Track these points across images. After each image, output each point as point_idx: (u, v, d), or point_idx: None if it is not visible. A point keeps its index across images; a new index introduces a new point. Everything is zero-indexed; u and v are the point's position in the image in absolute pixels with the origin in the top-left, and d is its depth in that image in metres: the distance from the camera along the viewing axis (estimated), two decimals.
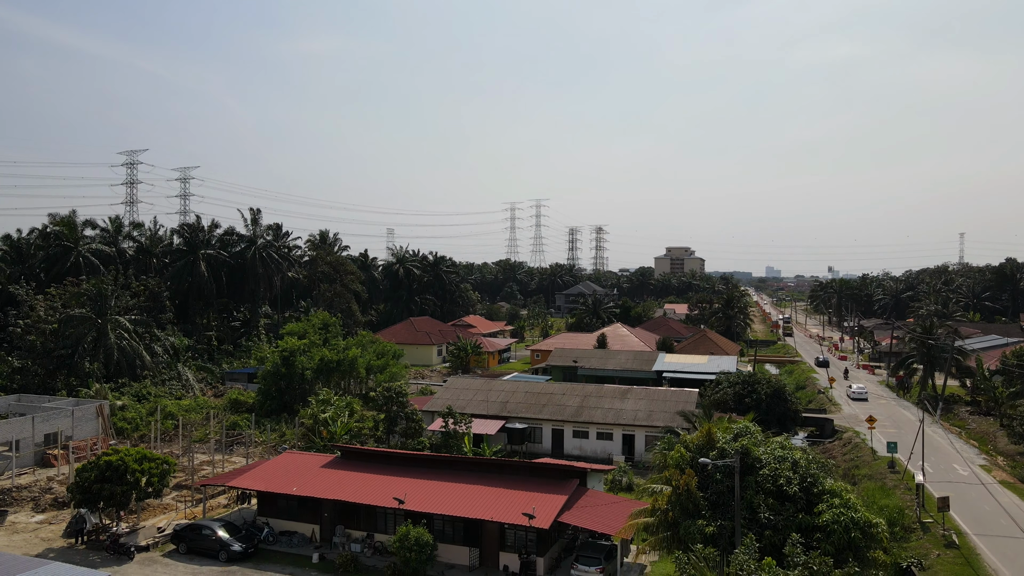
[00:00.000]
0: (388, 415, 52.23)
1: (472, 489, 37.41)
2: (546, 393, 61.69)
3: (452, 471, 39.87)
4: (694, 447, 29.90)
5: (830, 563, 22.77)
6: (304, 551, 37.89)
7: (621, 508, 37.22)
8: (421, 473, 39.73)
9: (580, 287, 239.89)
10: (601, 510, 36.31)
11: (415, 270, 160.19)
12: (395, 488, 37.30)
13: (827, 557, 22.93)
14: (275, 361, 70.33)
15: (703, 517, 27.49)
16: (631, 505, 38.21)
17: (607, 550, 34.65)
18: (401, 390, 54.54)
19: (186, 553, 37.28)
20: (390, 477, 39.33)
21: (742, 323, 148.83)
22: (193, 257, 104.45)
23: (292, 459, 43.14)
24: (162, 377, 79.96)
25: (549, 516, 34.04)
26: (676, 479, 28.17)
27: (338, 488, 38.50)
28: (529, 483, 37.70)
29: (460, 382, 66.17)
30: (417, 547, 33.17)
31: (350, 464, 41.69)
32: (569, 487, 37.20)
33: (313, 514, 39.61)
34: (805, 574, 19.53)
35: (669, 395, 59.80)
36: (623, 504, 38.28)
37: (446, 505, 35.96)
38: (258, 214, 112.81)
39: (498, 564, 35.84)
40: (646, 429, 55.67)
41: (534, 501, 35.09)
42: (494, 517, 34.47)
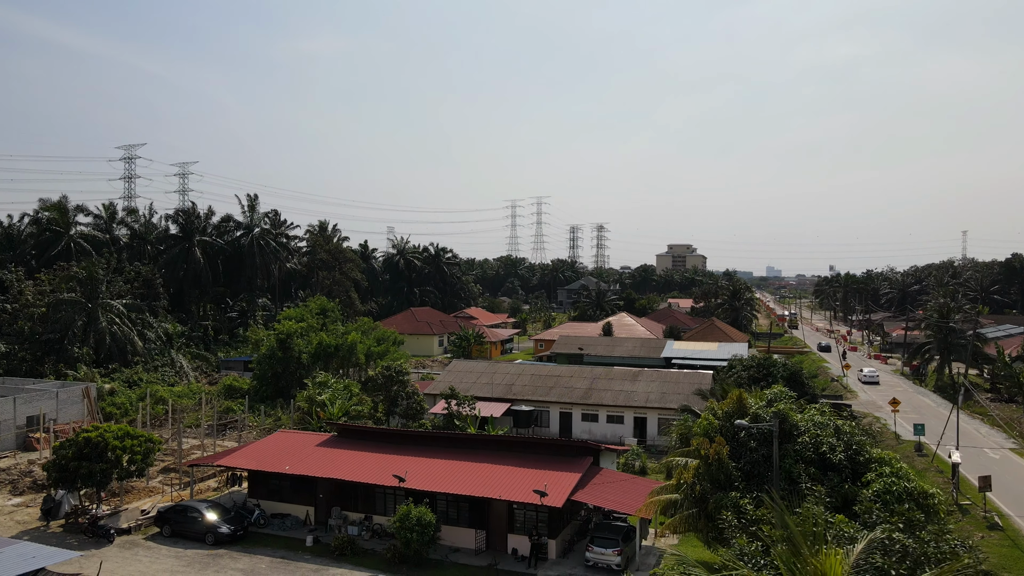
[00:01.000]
0: (388, 395, 49.58)
1: (478, 467, 34.79)
2: (553, 376, 59.06)
3: (456, 449, 37.26)
4: (723, 414, 27.24)
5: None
6: (297, 534, 35.28)
7: (638, 486, 34.60)
8: (423, 451, 37.11)
9: (582, 282, 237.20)
10: (617, 488, 33.67)
11: (416, 261, 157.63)
12: (395, 467, 34.68)
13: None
14: (271, 345, 67.66)
15: (736, 489, 24.85)
16: (649, 484, 35.58)
17: (624, 531, 32.02)
18: (402, 369, 51.92)
19: (170, 536, 34.66)
20: (390, 456, 36.70)
21: (749, 315, 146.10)
22: (188, 244, 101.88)
23: (285, 438, 40.52)
24: (154, 363, 77.33)
25: (562, 494, 31.42)
26: (705, 448, 25.51)
27: (334, 467, 35.88)
28: (539, 461, 35.08)
29: (463, 365, 63.56)
30: (419, 528, 30.55)
31: (347, 443, 39.07)
32: (582, 465, 34.58)
33: (307, 495, 36.99)
34: (889, 531, 16.86)
35: (682, 377, 57.16)
36: (640, 483, 35.66)
37: (450, 484, 33.33)
38: (255, 200, 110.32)
39: (507, 547, 33.22)
40: (658, 411, 53.04)
41: (545, 479, 32.47)
42: (502, 496, 31.85)
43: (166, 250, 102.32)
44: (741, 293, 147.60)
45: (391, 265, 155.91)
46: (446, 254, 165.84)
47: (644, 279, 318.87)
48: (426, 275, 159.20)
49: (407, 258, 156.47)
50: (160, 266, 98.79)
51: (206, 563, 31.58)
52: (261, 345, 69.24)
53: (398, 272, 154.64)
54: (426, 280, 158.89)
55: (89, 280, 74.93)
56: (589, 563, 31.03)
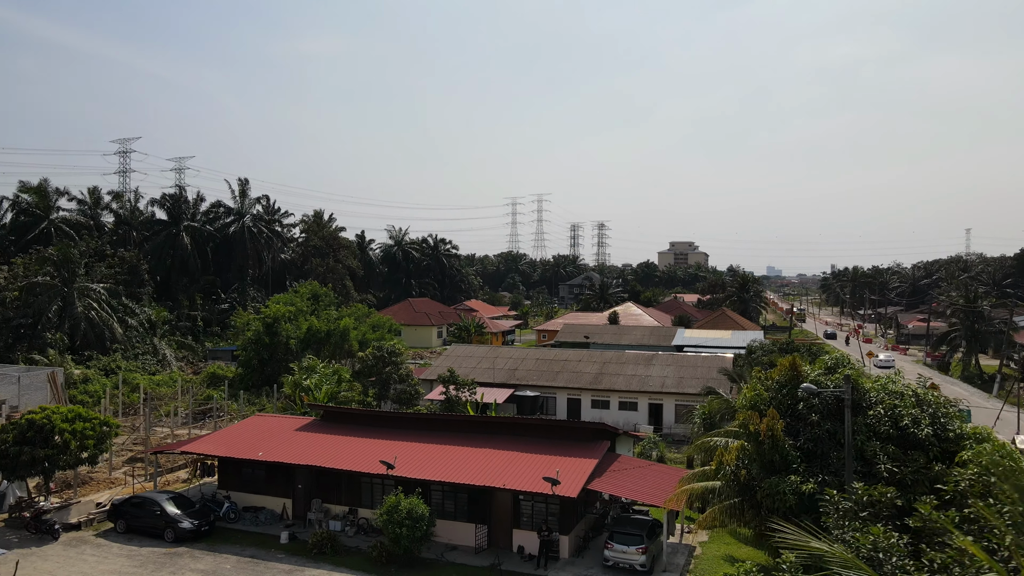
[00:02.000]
0: (379, 378, 45.06)
1: (479, 453, 30.32)
2: (560, 360, 54.60)
3: (454, 433, 32.80)
4: (774, 385, 22.72)
5: None
6: (272, 529, 30.81)
7: (664, 474, 30.14)
8: (417, 436, 32.65)
9: (585, 276, 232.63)
10: (640, 476, 29.20)
11: (414, 253, 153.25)
12: (385, 453, 30.20)
13: None
14: (257, 329, 63.14)
15: (795, 472, 20.36)
16: (675, 472, 31.13)
17: (649, 526, 27.54)
18: (395, 349, 47.43)
19: (125, 532, 30.20)
20: (379, 441, 32.25)
21: (757, 307, 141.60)
22: (176, 229, 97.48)
23: (262, 422, 36.06)
24: (135, 351, 72.85)
25: (577, 483, 26.95)
26: (754, 423, 21.01)
27: (314, 453, 31.40)
28: (549, 446, 30.63)
29: (461, 349, 59.11)
30: (409, 522, 26.09)
31: (332, 427, 34.60)
32: (598, 450, 30.11)
33: (284, 486, 32.53)
34: None
35: (700, 360, 52.68)
36: (665, 470, 31.20)
37: (447, 471, 28.85)
38: (246, 185, 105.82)
39: (511, 544, 28.75)
40: (676, 397, 48.56)
41: (556, 466, 28.02)
42: (506, 484, 27.38)
43: (152, 236, 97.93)
44: (749, 285, 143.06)
45: (389, 256, 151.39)
46: (445, 245, 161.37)
47: (647, 275, 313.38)
48: (425, 267, 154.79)
49: (405, 249, 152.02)
50: (145, 252, 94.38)
51: (161, 563, 27.11)
52: (247, 330, 64.69)
53: (396, 264, 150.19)
54: (425, 272, 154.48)
55: (65, 263, 70.53)
56: (608, 563, 26.56)
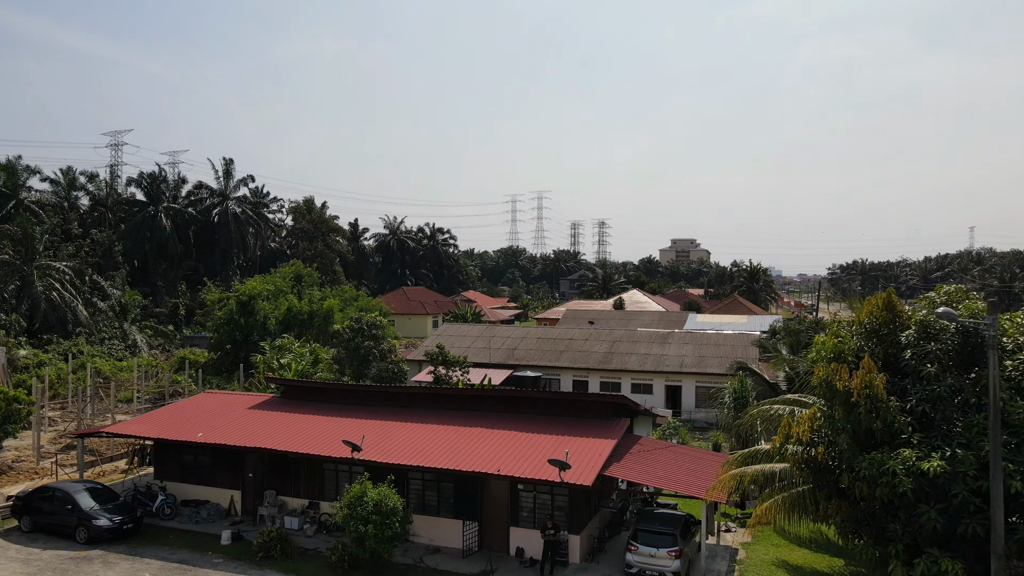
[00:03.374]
0: (356, 354, 39.32)
1: (470, 434, 24.58)
2: (564, 339, 48.86)
3: (441, 410, 27.05)
4: (864, 329, 16.86)
5: None
6: (214, 527, 25.06)
7: (698, 459, 24.39)
8: (396, 414, 26.92)
9: (587, 269, 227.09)
10: (669, 461, 23.44)
11: (410, 243, 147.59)
12: (355, 434, 24.46)
13: None
14: (231, 308, 57.38)
15: (905, 444, 14.58)
16: (711, 456, 25.38)
17: (683, 523, 21.78)
18: (375, 322, 41.68)
19: (31, 531, 24.46)
20: (350, 420, 26.51)
21: (768, 298, 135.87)
22: (154, 210, 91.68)
23: (211, 400, 30.29)
24: (101, 336, 67.09)
25: (591, 467, 21.21)
26: (840, 378, 15.22)
27: (267, 435, 25.64)
28: (556, 424, 24.90)
29: (454, 328, 53.41)
30: (378, 516, 20.35)
31: (293, 404, 28.84)
32: (616, 428, 24.36)
33: (232, 475, 26.77)
34: None
35: (722, 339, 46.97)
36: (699, 454, 25.44)
37: (429, 455, 23.10)
38: (231, 165, 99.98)
39: (508, 545, 23.01)
40: (696, 378, 42.83)
41: (565, 448, 22.31)
42: (502, 471, 21.62)
43: (128, 217, 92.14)
44: (759, 275, 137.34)
45: (383, 246, 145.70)
46: (443, 235, 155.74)
47: (649, 271, 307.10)
48: (421, 257, 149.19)
49: (401, 239, 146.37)
50: (121, 234, 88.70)
51: (63, 570, 21.37)
52: (218, 308, 58.87)
53: (391, 254, 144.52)
54: (421, 263, 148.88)
55: (24, 240, 64.92)
56: (632, 569, 20.79)
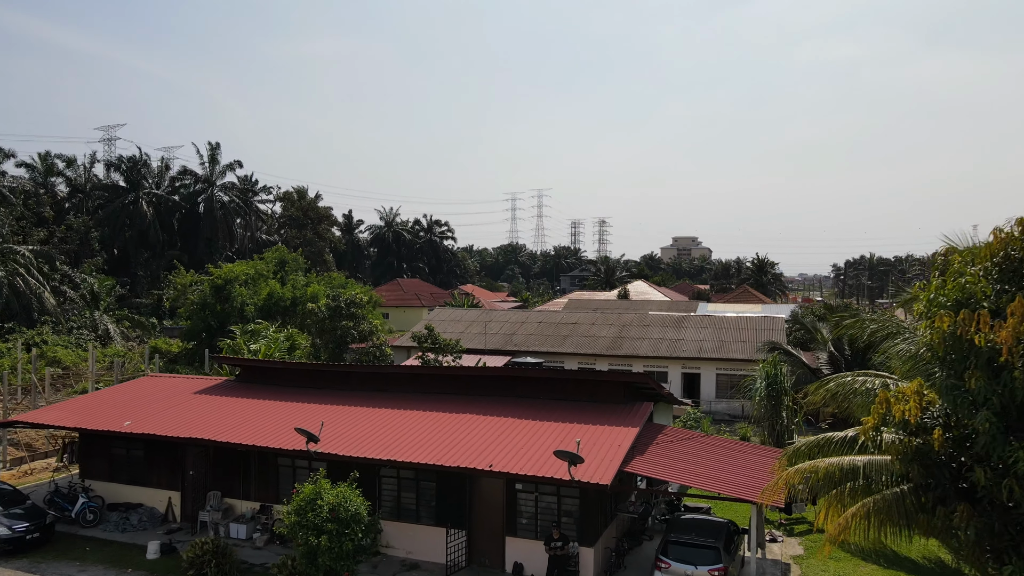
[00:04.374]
0: (333, 335, 34.73)
1: (458, 421, 20.00)
2: (568, 323, 44.27)
3: (425, 394, 22.47)
4: (999, 268, 12.19)
5: None
6: (144, 536, 20.45)
7: (737, 452, 19.78)
8: (372, 398, 22.33)
9: (588, 263, 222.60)
10: (704, 454, 18.84)
11: (406, 235, 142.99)
12: (320, 421, 19.87)
13: None
14: (205, 293, 52.82)
15: None
16: (753, 449, 20.77)
17: (725, 532, 17.18)
18: (356, 300, 37.09)
19: None
20: (315, 406, 21.93)
21: (776, 291, 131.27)
22: (134, 196, 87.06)
23: (152, 384, 25.69)
24: (69, 325, 62.48)
25: (609, 462, 16.62)
26: (978, 329, 10.58)
27: (213, 423, 21.04)
28: (563, 409, 20.31)
29: (447, 313, 48.86)
30: (335, 525, 15.75)
31: (250, 389, 24.24)
32: (638, 414, 19.77)
33: (171, 473, 22.16)
34: None
35: (744, 323, 42.38)
36: (737, 447, 20.82)
37: (406, 447, 18.49)
38: (217, 150, 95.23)
39: (503, 560, 18.41)
40: (717, 364, 38.25)
41: (577, 437, 17.73)
42: (495, 466, 17.02)
43: (106, 203, 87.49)
44: (767, 268, 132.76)
45: (379, 238, 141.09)
46: (440, 227, 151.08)
47: (651, 267, 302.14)
48: (417, 250, 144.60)
49: (396, 231, 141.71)
50: (98, 221, 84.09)
51: None
52: (191, 293, 54.27)
53: (386, 246, 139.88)
54: (417, 256, 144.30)
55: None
56: None
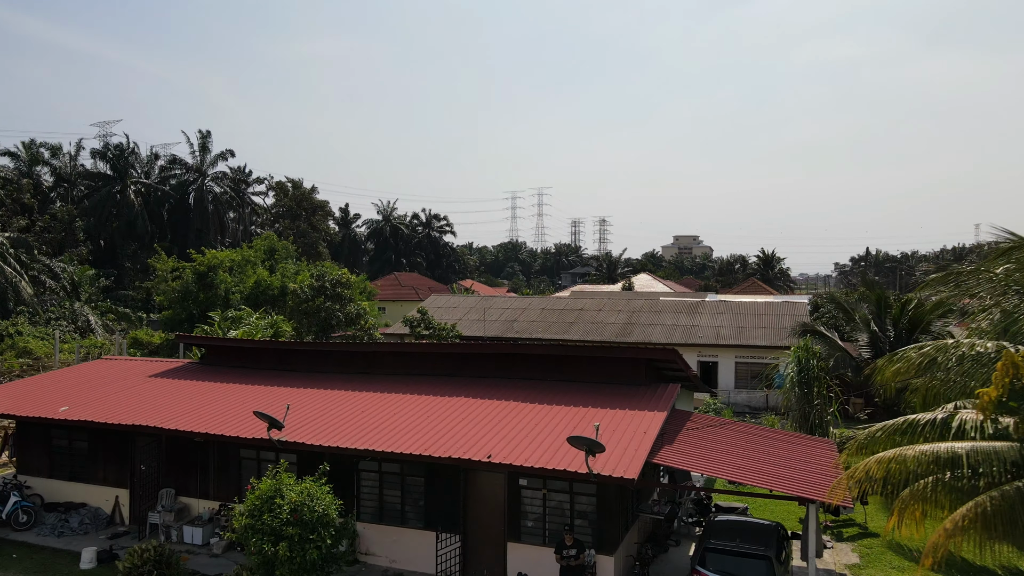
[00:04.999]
0: (316, 316, 31.74)
1: (451, 405, 16.99)
2: (573, 309, 41.27)
3: (413, 375, 19.46)
4: None
5: None
6: (81, 542, 17.42)
7: (782, 442, 16.76)
8: (352, 381, 19.32)
9: (591, 257, 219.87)
10: (741, 444, 15.82)
11: (403, 229, 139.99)
12: (293, 406, 16.87)
13: None
14: (188, 280, 49.81)
15: None
16: (797, 439, 17.76)
17: (776, 537, 14.14)
18: (341, 279, 34.09)
19: None
20: (288, 389, 18.93)
21: (785, 286, 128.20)
22: (121, 185, 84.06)
23: (106, 368, 22.64)
24: (47, 316, 59.47)
25: (634, 452, 13.60)
26: None
27: (167, 410, 18.01)
28: (574, 392, 17.31)
29: (444, 299, 45.88)
30: (296, 529, 12.73)
31: (215, 371, 21.20)
32: (663, 397, 16.74)
33: (119, 468, 19.11)
34: None
35: (763, 308, 39.43)
36: (779, 436, 17.78)
37: (389, 435, 15.46)
38: (208, 139, 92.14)
39: (503, 569, 15.36)
40: (736, 352, 35.23)
41: (594, 422, 14.72)
42: (495, 457, 13.98)
43: (92, 192, 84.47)
44: (774, 262, 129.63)
45: (376, 232, 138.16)
46: (439, 221, 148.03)
47: (653, 265, 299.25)
48: (415, 244, 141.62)
49: (394, 225, 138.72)
50: (83, 210, 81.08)
51: None
52: (170, 279, 51.20)
53: (384, 240, 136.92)
54: (416, 250, 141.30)
55: None
56: None
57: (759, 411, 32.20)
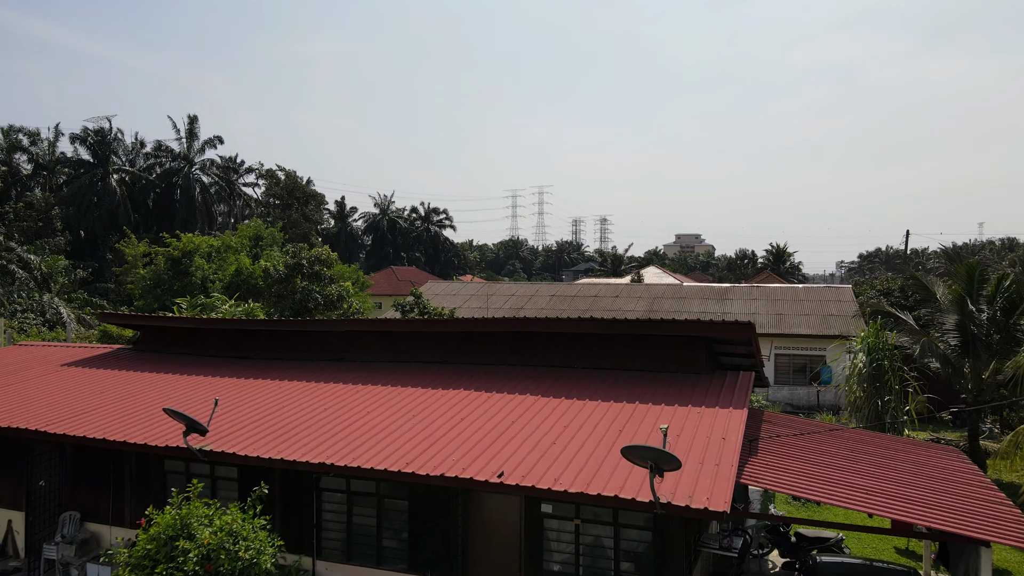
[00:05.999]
0: (291, 299, 27.40)
1: (450, 401, 12.59)
2: (586, 296, 36.95)
3: (402, 362, 15.09)
4: None
5: None
6: None
7: (903, 452, 12.34)
8: (322, 369, 14.94)
9: (593, 255, 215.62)
10: (854, 453, 11.39)
11: (401, 223, 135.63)
12: (241, 402, 12.55)
13: None
14: (159, 265, 45.43)
15: None
16: (925, 451, 13.36)
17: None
18: (321, 257, 29.78)
19: None
20: (240, 380, 14.54)
21: (796, 281, 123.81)
22: (102, 172, 79.68)
23: (16, 356, 18.21)
24: (12, 308, 55.08)
25: (717, 470, 9.18)
26: None
27: (75, 410, 13.63)
28: (610, 381, 12.92)
29: (442, 286, 41.69)
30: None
31: (147, 360, 16.80)
32: (737, 390, 12.33)
33: (13, 484, 14.68)
34: None
35: (802, 293, 35.04)
36: (905, 446, 13.37)
37: (361, 443, 11.07)
38: (195, 123, 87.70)
39: None
40: (775, 342, 30.80)
41: (647, 425, 10.30)
42: (507, 476, 9.58)
43: (72, 179, 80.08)
44: (786, 256, 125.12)
45: (373, 226, 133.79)
46: (438, 215, 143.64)
47: (658, 262, 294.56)
48: (414, 239, 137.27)
49: (392, 218, 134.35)
50: (61, 198, 76.71)
51: None
52: (141, 266, 46.81)
53: (381, 235, 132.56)
54: (414, 245, 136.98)
55: None
56: None
57: (805, 410, 27.79)
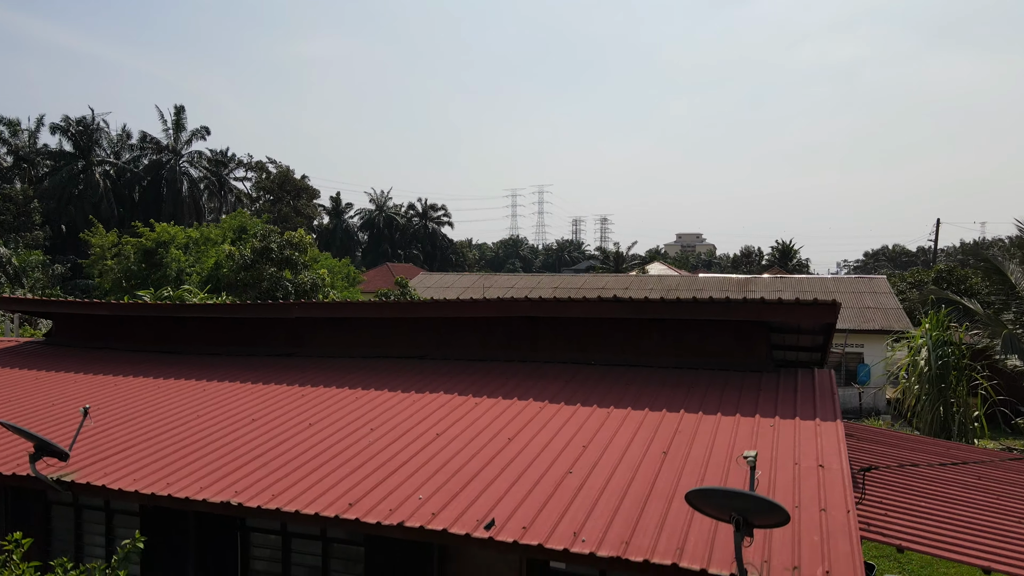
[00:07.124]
0: (257, 286, 24.16)
1: (424, 408, 9.26)
2: (594, 288, 33.75)
3: (372, 357, 11.79)
4: None
5: None
6: None
7: None
8: (272, 367, 11.64)
9: (595, 253, 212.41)
10: (974, 481, 8.07)
11: (398, 219, 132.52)
12: (148, 407, 9.26)
13: None
14: (129, 256, 42.11)
15: None
16: None
17: None
18: (294, 241, 26.54)
19: None
20: (159, 380, 11.24)
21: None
22: (84, 163, 76.49)
23: None
24: None
25: (831, 516, 5.85)
26: None
27: None
28: (642, 381, 9.59)
29: (435, 279, 38.39)
30: None
31: (56, 355, 13.50)
32: (819, 393, 9.03)
33: None
34: None
35: (831, 284, 31.84)
36: None
37: (293, 470, 7.77)
38: (182, 114, 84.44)
39: None
40: None
41: (699, 443, 6.97)
42: (498, 530, 6.27)
43: (53, 172, 76.90)
44: (792, 253, 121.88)
45: (369, 222, 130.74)
46: (436, 212, 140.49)
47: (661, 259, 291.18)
48: (411, 235, 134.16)
49: (388, 215, 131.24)
50: (41, 191, 73.55)
51: None
52: (110, 257, 43.51)
53: (378, 231, 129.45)
54: (412, 241, 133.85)
55: None
56: None
57: (846, 415, 24.55)
